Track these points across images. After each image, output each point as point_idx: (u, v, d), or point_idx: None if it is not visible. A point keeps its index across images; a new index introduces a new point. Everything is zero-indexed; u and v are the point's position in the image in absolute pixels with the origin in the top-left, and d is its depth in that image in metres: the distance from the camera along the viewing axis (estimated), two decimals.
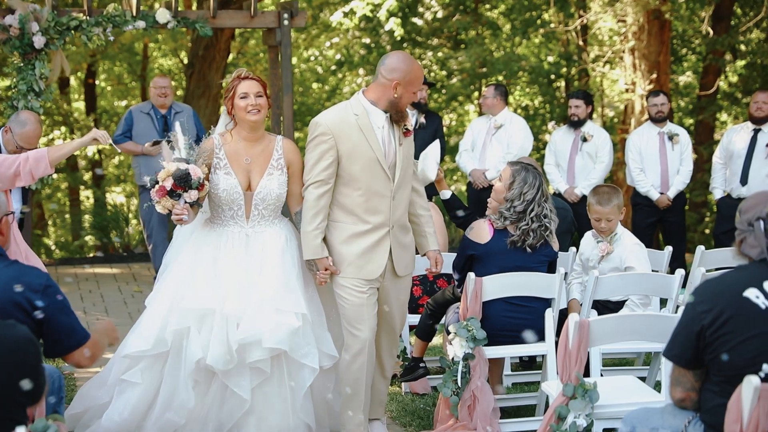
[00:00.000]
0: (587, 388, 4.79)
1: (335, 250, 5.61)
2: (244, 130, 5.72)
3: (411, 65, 5.54)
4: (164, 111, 10.35)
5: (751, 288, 3.78)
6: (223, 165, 5.68)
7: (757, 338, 3.72)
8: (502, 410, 6.40)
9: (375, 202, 5.56)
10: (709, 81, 15.52)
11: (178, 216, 5.55)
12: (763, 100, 9.70)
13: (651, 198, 10.02)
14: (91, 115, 20.51)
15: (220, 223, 5.76)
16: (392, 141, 5.63)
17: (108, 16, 10.09)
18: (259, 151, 5.74)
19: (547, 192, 6.21)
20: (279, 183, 5.72)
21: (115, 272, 12.09)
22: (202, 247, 5.71)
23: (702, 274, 6.31)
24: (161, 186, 5.52)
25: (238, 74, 5.75)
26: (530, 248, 6.09)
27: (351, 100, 5.67)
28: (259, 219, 5.73)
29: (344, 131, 5.50)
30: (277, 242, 5.70)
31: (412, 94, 5.58)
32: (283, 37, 10.77)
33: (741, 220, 3.95)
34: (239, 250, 5.67)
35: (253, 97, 5.64)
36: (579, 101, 10.22)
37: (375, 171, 5.54)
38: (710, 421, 3.88)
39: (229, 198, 5.66)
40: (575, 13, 16.31)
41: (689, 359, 3.89)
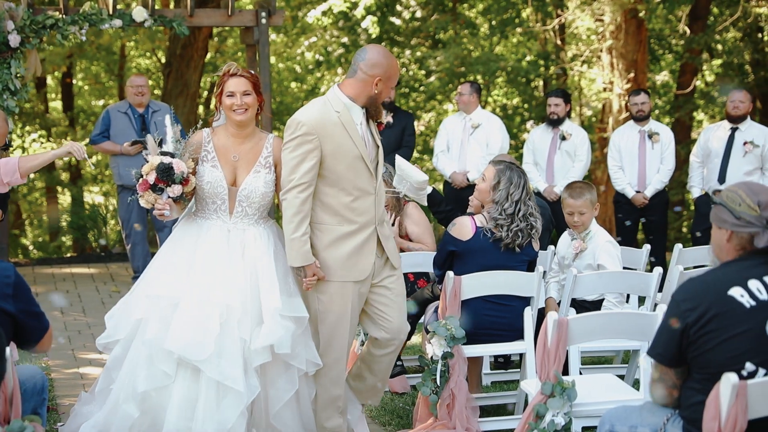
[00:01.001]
0: (566, 386, 4.78)
1: (321, 253, 5.42)
2: (231, 127, 5.59)
3: (391, 60, 5.42)
4: (142, 110, 10.30)
5: (735, 286, 3.77)
6: (210, 158, 5.57)
7: (741, 337, 3.72)
8: (481, 409, 6.40)
9: (361, 201, 5.42)
10: (686, 80, 15.60)
11: (159, 211, 5.48)
12: (740, 99, 9.75)
13: (627, 196, 10.06)
14: (68, 113, 20.40)
15: (203, 216, 5.63)
16: (370, 136, 5.52)
17: (84, 15, 10.02)
18: (248, 148, 5.60)
19: (531, 190, 6.22)
20: (265, 181, 5.56)
21: (93, 272, 12.02)
22: (183, 238, 5.61)
23: (680, 272, 6.33)
24: (144, 180, 5.44)
25: (227, 70, 5.59)
26: (519, 248, 6.09)
27: (328, 96, 5.48)
28: (243, 216, 5.56)
29: (328, 130, 5.33)
30: (264, 244, 5.54)
31: (389, 89, 5.51)
32: (260, 35, 10.74)
33: (761, 215, 3.83)
34: (220, 242, 5.51)
35: (240, 97, 5.49)
36: (558, 99, 10.24)
37: (359, 169, 5.40)
38: (690, 418, 3.89)
39: (213, 191, 5.53)
40: (553, 12, 16.35)
41: (672, 357, 3.88)
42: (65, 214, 18.06)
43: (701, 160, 9.99)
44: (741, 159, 9.62)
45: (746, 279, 3.78)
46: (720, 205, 3.92)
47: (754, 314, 3.73)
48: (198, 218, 5.65)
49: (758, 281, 3.78)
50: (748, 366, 3.71)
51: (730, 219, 3.87)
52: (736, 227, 3.85)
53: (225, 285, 5.36)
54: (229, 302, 5.32)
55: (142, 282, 5.57)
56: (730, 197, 3.90)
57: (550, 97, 10.41)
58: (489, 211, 6.14)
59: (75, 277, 11.66)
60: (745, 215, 3.84)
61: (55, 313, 9.38)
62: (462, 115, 10.39)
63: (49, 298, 10.07)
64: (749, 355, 3.71)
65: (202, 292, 5.34)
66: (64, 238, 18.04)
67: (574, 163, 10.16)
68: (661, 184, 9.97)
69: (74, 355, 8.02)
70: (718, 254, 3.95)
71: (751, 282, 3.78)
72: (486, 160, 9.29)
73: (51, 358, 7.80)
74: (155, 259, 5.70)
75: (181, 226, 5.72)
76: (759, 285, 3.77)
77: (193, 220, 5.66)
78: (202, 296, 5.33)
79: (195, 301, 5.32)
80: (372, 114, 5.51)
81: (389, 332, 5.57)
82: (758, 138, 9.66)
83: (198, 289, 5.35)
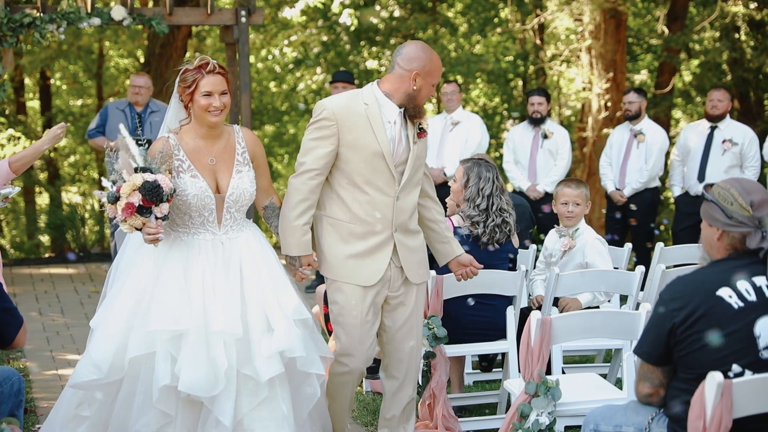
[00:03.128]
0: (549, 385, 4.77)
1: (329, 249, 5.12)
2: (202, 128, 5.04)
3: (431, 55, 5.07)
4: (140, 109, 10.23)
5: (724, 287, 3.75)
6: (186, 167, 4.99)
7: (728, 338, 3.70)
8: (464, 408, 6.40)
9: (376, 202, 5.06)
10: (665, 80, 15.64)
11: (152, 236, 4.82)
12: (718, 98, 9.78)
13: (606, 191, 10.11)
14: (46, 114, 20.26)
15: (186, 231, 5.04)
16: (403, 139, 5.12)
17: (62, 13, 9.93)
18: (221, 147, 5.08)
19: (502, 184, 6.21)
20: (250, 180, 5.10)
21: (71, 272, 11.94)
22: (168, 259, 4.98)
23: (662, 271, 6.33)
24: (128, 203, 4.76)
25: (201, 63, 5.01)
26: (497, 244, 6.08)
27: (363, 89, 5.17)
28: (232, 223, 5.08)
29: (350, 119, 5.00)
30: (255, 246, 5.10)
31: (431, 86, 5.10)
32: (240, 34, 10.69)
33: (753, 215, 3.80)
34: (216, 259, 4.99)
35: (218, 97, 4.97)
36: (541, 98, 10.26)
37: (378, 167, 5.04)
38: (675, 417, 3.87)
39: (200, 203, 4.98)
40: (532, 11, 16.37)
41: (659, 356, 3.86)
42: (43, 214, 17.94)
43: (681, 159, 10.02)
44: (720, 157, 9.66)
45: (735, 279, 3.76)
46: (711, 203, 3.89)
47: (742, 315, 3.71)
48: (181, 234, 5.06)
49: (747, 282, 3.76)
50: (735, 367, 3.70)
51: (721, 218, 3.84)
52: (728, 226, 3.83)
53: (225, 310, 4.86)
54: (231, 330, 4.82)
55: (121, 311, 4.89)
56: (722, 195, 3.86)
57: (532, 96, 10.41)
58: (464, 210, 6.13)
59: (53, 278, 11.58)
60: (737, 215, 3.81)
61: (33, 314, 9.31)
62: (444, 115, 10.43)
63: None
64: (736, 356, 3.70)
65: (204, 321, 4.83)
66: (42, 238, 17.90)
67: (557, 162, 10.18)
68: (638, 183, 9.94)
69: (52, 356, 7.96)
70: (708, 251, 3.93)
71: (740, 283, 3.75)
72: (464, 156, 9.30)
73: (29, 360, 7.74)
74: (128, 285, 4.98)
75: (160, 246, 5.01)
76: (748, 286, 3.75)
77: (174, 237, 5.06)
78: (205, 327, 4.82)
79: (200, 334, 4.81)
80: (411, 114, 5.13)
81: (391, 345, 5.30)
82: (737, 136, 9.69)
83: (200, 319, 4.83)
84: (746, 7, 14.32)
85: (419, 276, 5.27)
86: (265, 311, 4.94)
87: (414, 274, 5.23)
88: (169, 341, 4.79)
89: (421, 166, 5.25)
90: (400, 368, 5.31)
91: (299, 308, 4.99)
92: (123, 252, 5.24)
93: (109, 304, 5.00)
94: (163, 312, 4.81)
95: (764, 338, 3.71)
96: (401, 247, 5.16)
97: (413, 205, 5.22)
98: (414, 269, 5.23)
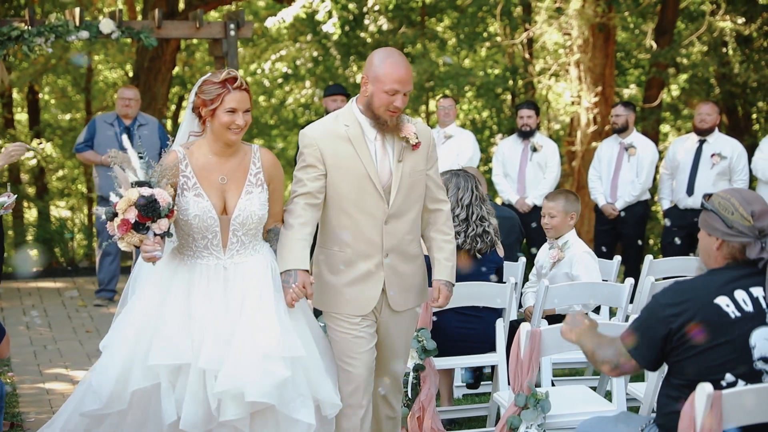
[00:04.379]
0: (539, 398, 4.77)
1: (321, 279, 4.88)
2: (217, 144, 4.73)
3: (384, 59, 4.71)
4: (128, 122, 10.21)
5: (722, 296, 3.74)
6: (192, 185, 4.70)
7: (723, 347, 3.70)
8: (453, 421, 6.38)
9: (364, 227, 4.79)
10: (653, 94, 15.69)
11: (149, 254, 4.55)
12: (707, 112, 9.81)
13: (598, 205, 10.11)
14: (35, 128, 20.21)
15: (190, 254, 4.77)
16: (386, 155, 4.83)
17: (50, 26, 9.90)
18: (235, 165, 4.77)
19: (482, 194, 6.21)
20: (260, 202, 4.77)
21: (59, 286, 11.89)
22: (172, 286, 4.73)
23: (651, 284, 6.33)
24: (124, 219, 4.50)
25: (228, 78, 4.67)
26: (479, 253, 6.07)
27: (344, 109, 4.92)
28: (239, 247, 4.76)
29: (331, 143, 4.74)
30: (260, 273, 4.77)
31: (383, 94, 4.70)
32: (229, 47, 10.69)
33: (753, 225, 3.80)
34: (216, 287, 4.71)
35: (242, 115, 4.65)
36: (530, 111, 10.29)
37: (365, 189, 4.77)
38: (665, 427, 3.87)
39: (203, 225, 4.69)
40: (521, 26, 16.41)
41: (652, 360, 3.84)
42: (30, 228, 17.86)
43: (670, 173, 10.05)
44: (709, 171, 9.69)
45: (733, 289, 3.76)
46: (711, 212, 3.88)
47: (738, 325, 3.71)
48: (185, 257, 4.79)
49: (744, 292, 3.76)
50: (728, 377, 3.70)
51: (721, 227, 3.83)
52: (728, 236, 3.82)
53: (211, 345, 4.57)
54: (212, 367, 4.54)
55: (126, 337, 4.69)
56: (723, 205, 3.85)
57: (521, 109, 10.44)
58: None
59: (41, 291, 11.52)
60: (737, 225, 3.81)
61: (20, 328, 9.25)
62: (437, 129, 10.50)
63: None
64: (730, 366, 3.70)
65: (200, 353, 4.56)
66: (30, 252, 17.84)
67: (545, 175, 10.21)
68: (630, 197, 9.97)
69: (40, 370, 7.90)
70: (706, 260, 3.93)
71: (738, 292, 3.76)
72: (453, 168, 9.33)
73: (16, 374, 7.69)
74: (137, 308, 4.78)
75: (165, 266, 4.79)
76: (745, 296, 3.76)
77: (180, 260, 4.81)
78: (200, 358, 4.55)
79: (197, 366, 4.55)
80: (378, 126, 4.80)
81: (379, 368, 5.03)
82: (726, 150, 9.72)
83: (197, 350, 4.57)
84: (734, 22, 14.39)
85: (402, 302, 4.96)
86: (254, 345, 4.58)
87: (395, 300, 4.92)
88: (172, 373, 4.57)
89: (418, 183, 4.90)
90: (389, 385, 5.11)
91: (290, 345, 4.58)
92: (137, 276, 5.02)
93: (117, 327, 4.81)
94: (163, 344, 4.56)
95: (759, 349, 3.71)
96: (390, 274, 4.87)
97: (410, 226, 4.91)
98: (397, 294, 4.92)
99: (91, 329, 9.27)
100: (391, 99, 4.71)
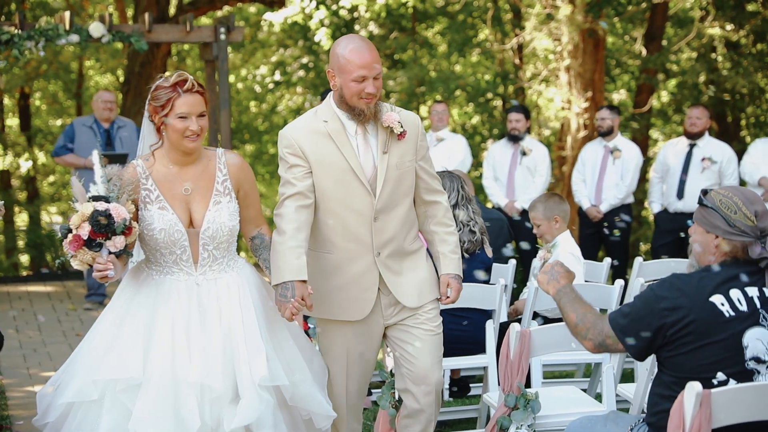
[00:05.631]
0: (529, 398, 4.76)
1: (312, 282, 4.56)
2: (176, 153, 4.46)
3: (345, 47, 4.51)
4: (107, 125, 10.20)
5: (717, 294, 3.74)
6: (155, 198, 4.42)
7: (716, 345, 3.70)
8: (443, 423, 6.38)
9: (352, 225, 4.57)
10: (642, 99, 15.74)
11: (101, 273, 4.25)
12: (697, 116, 9.85)
13: (582, 208, 10.12)
14: (26, 133, 20.18)
15: (159, 269, 4.48)
16: (369, 148, 4.61)
17: (40, 30, 9.88)
18: (198, 173, 4.50)
19: (468, 194, 6.22)
20: (230, 212, 4.49)
21: (49, 290, 11.85)
22: (131, 306, 4.43)
23: (641, 285, 6.33)
24: (76, 235, 4.22)
25: (179, 80, 4.39)
26: (467, 253, 6.08)
27: (322, 105, 4.70)
28: (211, 262, 4.48)
29: (310, 140, 4.54)
30: (236, 293, 4.48)
31: (353, 84, 4.49)
32: (219, 51, 10.68)
33: (756, 225, 3.79)
34: (189, 305, 4.40)
35: (195, 120, 4.36)
36: (519, 115, 10.30)
37: (350, 185, 4.55)
38: (655, 425, 3.87)
39: (169, 239, 4.40)
40: (511, 31, 16.45)
41: (640, 349, 3.83)
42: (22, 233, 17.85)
43: (661, 176, 10.08)
44: (699, 175, 9.72)
45: (728, 288, 3.76)
46: (710, 209, 3.85)
47: (733, 325, 3.71)
48: (153, 272, 4.50)
49: (740, 291, 3.77)
50: (720, 375, 3.71)
51: (723, 225, 3.82)
52: (729, 235, 3.81)
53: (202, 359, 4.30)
54: (209, 382, 4.27)
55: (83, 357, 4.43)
56: (725, 203, 3.83)
57: (510, 113, 10.47)
58: None
59: (31, 296, 11.49)
60: (740, 224, 3.79)
61: (10, 332, 9.23)
62: (429, 132, 10.53)
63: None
64: (722, 365, 3.70)
65: (172, 372, 4.26)
66: (22, 258, 17.82)
67: (535, 179, 10.22)
68: (616, 199, 9.98)
69: (29, 373, 7.89)
70: (700, 258, 3.91)
71: (733, 291, 3.76)
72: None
73: (6, 377, 7.67)
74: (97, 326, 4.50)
75: (127, 285, 4.51)
76: (740, 295, 3.76)
77: (146, 276, 4.50)
78: (172, 377, 4.26)
79: (163, 386, 4.24)
80: (359, 119, 4.57)
81: (414, 380, 4.71)
82: (716, 154, 9.76)
83: (166, 368, 4.26)
84: (722, 28, 14.44)
85: (416, 298, 4.69)
86: (234, 375, 4.34)
87: (408, 298, 4.68)
88: (123, 392, 4.24)
89: (406, 175, 4.67)
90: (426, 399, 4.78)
91: (274, 374, 4.35)
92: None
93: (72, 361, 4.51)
94: (117, 360, 4.26)
95: (752, 349, 3.71)
96: (386, 273, 4.64)
97: (401, 222, 4.67)
98: (407, 292, 4.68)
99: (80, 333, 9.24)
100: (362, 86, 4.49)
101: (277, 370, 4.37)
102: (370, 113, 4.57)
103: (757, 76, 14.65)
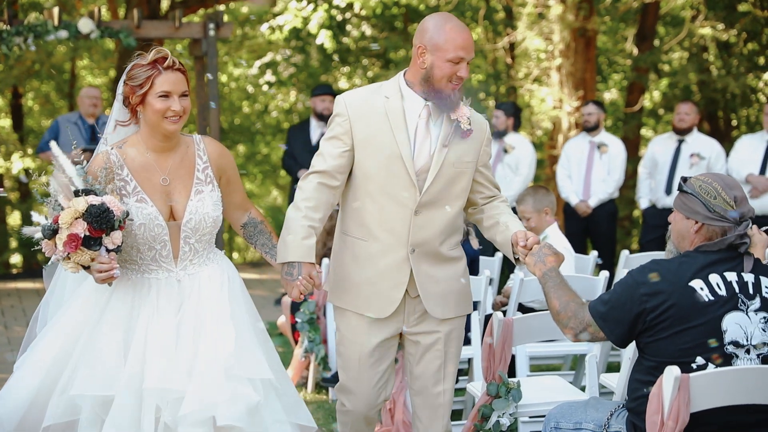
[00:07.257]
0: (510, 387, 4.77)
1: (340, 270, 4.40)
2: (154, 138, 4.07)
3: (442, 24, 4.17)
4: (92, 121, 10.19)
5: (696, 279, 3.75)
6: (132, 189, 4.03)
7: (695, 330, 3.71)
8: None
9: (390, 215, 4.27)
10: (634, 98, 15.77)
11: (106, 273, 3.88)
12: (686, 111, 9.86)
13: (570, 204, 10.10)
14: (18, 133, 20.17)
15: (135, 268, 4.11)
16: (429, 136, 4.29)
17: (29, 26, 9.86)
18: (177, 162, 4.13)
19: None
20: (213, 202, 4.15)
21: (38, 287, 11.84)
22: (108, 310, 4.04)
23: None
24: (72, 234, 3.80)
25: (158, 57, 4.02)
26: None
27: (389, 80, 4.38)
28: (192, 256, 4.13)
29: (364, 114, 4.23)
30: (216, 287, 4.16)
31: (445, 63, 4.18)
32: (209, 47, 10.67)
33: (735, 210, 3.79)
34: (168, 304, 4.07)
35: (178, 100, 4.00)
36: (499, 112, 10.27)
37: (395, 171, 4.24)
38: (635, 411, 3.87)
39: (149, 234, 4.04)
40: (503, 31, 16.46)
41: (621, 335, 3.84)
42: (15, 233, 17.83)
43: (649, 171, 10.08)
44: (688, 171, 9.71)
45: (707, 273, 3.77)
46: (690, 195, 3.87)
47: (711, 309, 3.72)
48: (129, 271, 4.11)
49: (719, 276, 3.77)
50: (699, 360, 3.71)
51: (702, 211, 3.83)
52: (709, 220, 3.82)
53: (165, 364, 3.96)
54: (167, 386, 3.93)
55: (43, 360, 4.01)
56: (705, 189, 3.84)
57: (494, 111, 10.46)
58: None
59: (20, 292, 11.48)
60: (720, 209, 3.81)
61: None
62: None
63: None
64: (701, 349, 3.71)
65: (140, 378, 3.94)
66: (13, 258, 17.82)
67: (516, 176, 10.12)
68: (605, 194, 9.97)
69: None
70: (679, 243, 3.93)
71: (712, 276, 3.77)
72: None
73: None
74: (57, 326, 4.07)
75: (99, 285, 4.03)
76: (719, 280, 3.77)
77: (123, 275, 4.08)
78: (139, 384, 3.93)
79: (131, 394, 3.92)
80: (437, 105, 4.25)
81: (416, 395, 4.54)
82: (705, 150, 9.76)
83: (136, 376, 3.94)
84: (713, 28, 14.46)
85: (443, 310, 4.40)
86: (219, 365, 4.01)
87: (434, 307, 4.38)
88: (100, 405, 3.92)
89: (462, 176, 4.36)
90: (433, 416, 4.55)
91: (258, 367, 4.06)
92: (55, 289, 4.30)
93: (35, 347, 4.09)
94: (92, 372, 3.92)
95: (730, 333, 3.72)
96: (419, 273, 4.33)
97: (445, 224, 4.35)
98: (434, 300, 4.38)
99: None
100: (456, 68, 4.19)
101: (261, 362, 4.10)
102: (456, 101, 4.27)
103: (747, 78, 14.67)
